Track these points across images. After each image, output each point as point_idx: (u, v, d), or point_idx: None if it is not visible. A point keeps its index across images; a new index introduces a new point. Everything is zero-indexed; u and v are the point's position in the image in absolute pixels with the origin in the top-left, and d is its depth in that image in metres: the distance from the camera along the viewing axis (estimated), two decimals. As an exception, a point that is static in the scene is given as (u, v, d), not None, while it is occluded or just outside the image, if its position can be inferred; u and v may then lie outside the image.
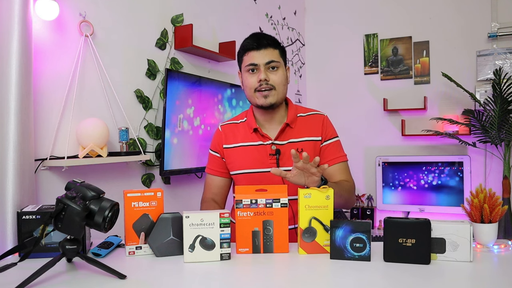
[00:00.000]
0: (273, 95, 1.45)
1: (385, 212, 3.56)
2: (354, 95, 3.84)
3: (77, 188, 1.08)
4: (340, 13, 3.91)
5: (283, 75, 1.47)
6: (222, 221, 1.19)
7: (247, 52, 1.46)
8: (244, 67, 1.48)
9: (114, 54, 2.01)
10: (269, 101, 1.45)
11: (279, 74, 1.46)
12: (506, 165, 3.12)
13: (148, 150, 2.20)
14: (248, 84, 1.47)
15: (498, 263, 1.16)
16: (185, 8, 2.44)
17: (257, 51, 1.44)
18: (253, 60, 1.44)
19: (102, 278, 1.05)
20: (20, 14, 1.41)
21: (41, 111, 1.67)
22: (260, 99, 1.45)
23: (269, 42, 1.46)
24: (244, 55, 1.47)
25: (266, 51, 1.44)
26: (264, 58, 1.44)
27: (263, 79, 1.43)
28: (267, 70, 1.45)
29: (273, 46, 1.46)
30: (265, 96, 1.44)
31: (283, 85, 1.47)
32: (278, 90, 1.46)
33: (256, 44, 1.44)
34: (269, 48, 1.45)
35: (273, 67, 1.45)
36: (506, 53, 3.31)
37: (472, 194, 1.27)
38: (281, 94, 1.48)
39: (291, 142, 1.49)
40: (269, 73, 1.45)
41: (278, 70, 1.46)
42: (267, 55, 1.44)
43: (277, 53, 1.47)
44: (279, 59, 1.47)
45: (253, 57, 1.45)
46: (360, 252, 1.15)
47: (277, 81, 1.45)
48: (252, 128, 1.51)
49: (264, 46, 1.44)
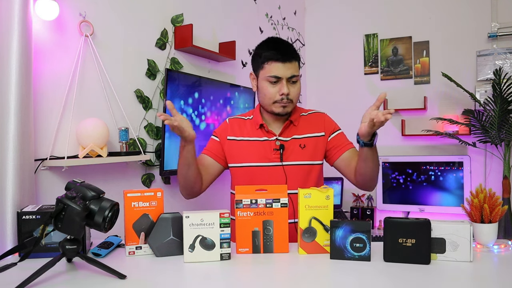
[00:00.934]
0: (290, 106, 1.51)
1: (385, 212, 3.56)
2: (354, 95, 3.84)
3: (77, 188, 1.08)
4: (340, 13, 3.91)
5: (300, 88, 1.53)
6: (222, 221, 1.19)
7: (270, 62, 1.46)
8: (264, 76, 1.48)
9: (114, 54, 2.01)
10: (286, 111, 1.51)
11: (297, 87, 1.50)
12: (506, 165, 3.12)
13: (148, 150, 2.20)
14: (268, 94, 1.49)
15: (498, 263, 1.16)
16: (185, 8, 2.44)
17: (282, 64, 1.45)
18: (277, 73, 1.45)
19: (102, 278, 1.05)
20: (20, 14, 1.41)
21: (41, 111, 1.67)
22: (279, 108, 1.49)
23: (293, 56, 1.47)
24: (266, 63, 1.47)
25: (290, 64, 1.46)
26: (287, 72, 1.45)
27: (286, 93, 1.46)
28: (288, 83, 1.47)
29: (296, 59, 1.49)
30: (283, 106, 1.49)
31: (298, 97, 1.54)
32: (295, 102, 1.52)
33: (281, 57, 1.45)
34: (293, 61, 1.47)
35: (294, 81, 1.48)
36: (506, 53, 3.31)
37: (472, 194, 1.27)
38: (295, 104, 1.54)
39: (295, 138, 1.54)
40: (290, 86, 1.48)
41: (297, 83, 1.50)
42: (290, 69, 1.46)
43: (297, 66, 1.50)
44: (298, 71, 1.51)
45: (277, 69, 1.45)
46: (360, 252, 1.15)
47: (295, 94, 1.50)
48: (258, 124, 1.55)
49: (289, 60, 1.46)
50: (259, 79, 1.51)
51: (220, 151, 1.58)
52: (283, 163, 1.50)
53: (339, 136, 1.58)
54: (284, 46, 1.49)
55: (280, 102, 1.47)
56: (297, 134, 1.54)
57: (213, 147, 1.59)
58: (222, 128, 1.62)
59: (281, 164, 1.50)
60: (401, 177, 3.50)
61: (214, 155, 1.58)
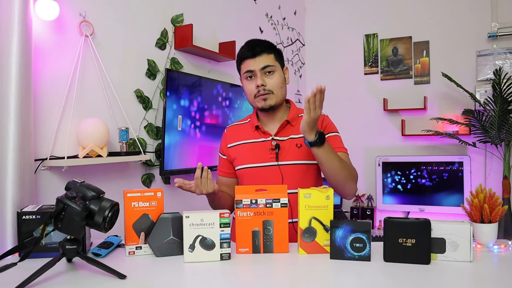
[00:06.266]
0: (271, 98, 1.50)
1: (385, 212, 3.56)
2: (354, 95, 3.84)
3: (77, 188, 1.08)
4: (340, 13, 3.91)
5: (279, 78, 1.51)
6: (222, 221, 1.19)
7: (243, 61, 1.51)
8: (242, 75, 1.54)
9: (114, 54, 2.01)
10: (268, 103, 1.50)
11: (275, 78, 1.50)
12: (506, 165, 3.12)
13: (148, 150, 2.20)
14: (247, 90, 1.53)
15: (498, 263, 1.16)
16: (185, 8, 2.44)
17: (253, 59, 1.49)
18: (249, 67, 1.49)
19: (102, 278, 1.05)
20: (20, 14, 1.41)
21: (41, 111, 1.67)
22: (260, 102, 1.50)
23: (262, 49, 1.50)
24: (241, 63, 1.53)
25: (260, 57, 1.49)
26: (259, 64, 1.48)
27: (260, 85, 1.48)
28: (263, 75, 1.49)
29: (268, 52, 1.51)
30: (264, 99, 1.49)
31: (280, 87, 1.51)
32: (276, 93, 1.50)
33: (251, 53, 1.49)
34: (264, 54, 1.49)
35: (269, 72, 1.50)
36: (506, 53, 3.31)
37: (472, 194, 1.27)
38: (280, 96, 1.52)
39: (292, 138, 1.53)
40: (266, 77, 1.49)
41: (274, 74, 1.50)
42: (261, 61, 1.49)
43: (272, 58, 1.51)
44: (274, 62, 1.51)
45: (248, 65, 1.50)
46: (360, 252, 1.15)
47: (273, 85, 1.50)
48: (254, 126, 1.56)
49: (259, 53, 1.49)
50: (242, 80, 1.56)
51: (229, 167, 1.62)
52: (279, 162, 1.50)
53: (332, 138, 1.54)
54: (253, 42, 1.52)
55: (258, 95, 1.49)
56: (294, 133, 1.54)
57: (223, 166, 1.64)
58: (222, 141, 1.65)
59: (277, 164, 1.50)
60: (401, 177, 3.50)
61: (226, 173, 1.63)
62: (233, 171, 1.61)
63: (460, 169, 3.32)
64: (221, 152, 1.65)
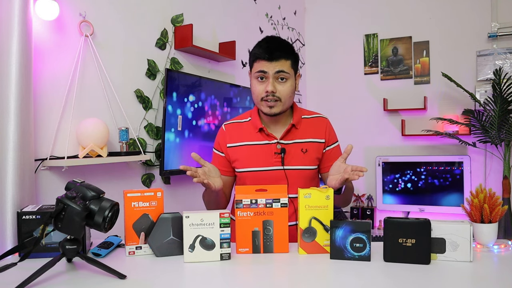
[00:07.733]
0: (278, 106, 1.45)
1: (385, 212, 3.56)
2: (354, 95, 3.84)
3: (77, 188, 1.08)
4: (340, 13, 3.91)
5: (291, 87, 1.46)
6: (222, 221, 1.19)
7: (258, 60, 1.44)
8: (253, 73, 1.47)
9: (114, 54, 2.01)
10: (274, 111, 1.45)
11: (286, 86, 1.44)
12: (506, 165, 3.12)
13: (148, 150, 2.20)
14: (255, 91, 1.47)
15: (498, 263, 1.16)
16: (185, 8, 2.44)
17: (269, 62, 1.42)
18: (263, 68, 1.43)
19: (102, 278, 1.05)
20: (20, 14, 1.41)
21: (41, 111, 1.67)
22: (266, 108, 1.45)
23: (281, 54, 1.43)
24: (255, 61, 1.46)
25: (277, 62, 1.42)
26: (274, 68, 1.42)
27: (270, 91, 1.42)
28: (275, 80, 1.43)
29: (286, 57, 1.44)
30: (270, 106, 1.44)
31: (289, 96, 1.46)
32: (284, 101, 1.45)
33: (268, 56, 1.42)
34: (281, 59, 1.43)
35: (282, 78, 1.44)
36: (506, 53, 3.31)
37: (472, 194, 1.27)
38: (287, 105, 1.48)
39: (297, 142, 1.51)
40: (277, 84, 1.43)
41: (286, 82, 1.44)
42: (277, 66, 1.42)
43: (288, 64, 1.44)
44: (290, 70, 1.45)
45: (263, 66, 1.43)
46: (360, 252, 1.15)
47: (284, 93, 1.44)
48: (257, 128, 1.52)
49: (277, 58, 1.42)
50: (251, 76, 1.50)
51: (226, 164, 1.57)
52: (285, 167, 1.48)
53: (335, 150, 1.56)
54: (274, 45, 1.45)
55: (266, 100, 1.44)
56: (298, 137, 1.51)
57: (220, 164, 1.56)
58: (220, 139, 1.59)
59: (282, 168, 1.48)
60: (401, 177, 3.50)
61: (222, 171, 1.55)
62: (230, 169, 1.57)
63: (460, 169, 3.32)
64: (217, 149, 1.59)
